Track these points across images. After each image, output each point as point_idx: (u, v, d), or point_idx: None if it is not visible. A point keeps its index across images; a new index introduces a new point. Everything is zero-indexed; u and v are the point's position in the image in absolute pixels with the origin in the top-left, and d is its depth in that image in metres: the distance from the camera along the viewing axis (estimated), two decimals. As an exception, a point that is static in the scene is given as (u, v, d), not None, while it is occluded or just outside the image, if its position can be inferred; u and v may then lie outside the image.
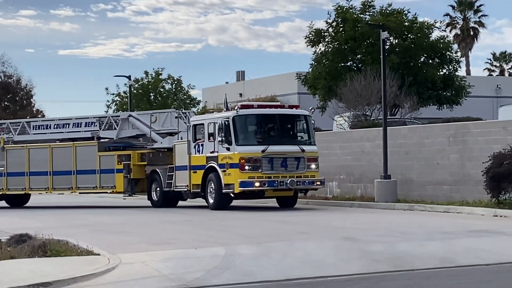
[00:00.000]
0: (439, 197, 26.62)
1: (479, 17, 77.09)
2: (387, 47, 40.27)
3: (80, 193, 33.92)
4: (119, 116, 32.88)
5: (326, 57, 45.41)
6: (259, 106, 28.21)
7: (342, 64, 45.15)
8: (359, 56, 44.99)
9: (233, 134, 26.38)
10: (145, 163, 30.56)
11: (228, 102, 28.37)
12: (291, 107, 29.09)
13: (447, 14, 76.31)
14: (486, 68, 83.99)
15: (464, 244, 15.74)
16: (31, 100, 68.24)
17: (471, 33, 76.60)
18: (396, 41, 44.91)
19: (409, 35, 45.44)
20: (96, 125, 32.67)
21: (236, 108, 26.84)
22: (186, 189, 28.43)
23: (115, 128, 32.30)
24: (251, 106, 27.83)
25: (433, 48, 45.44)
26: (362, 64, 43.89)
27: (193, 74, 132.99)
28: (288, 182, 26.22)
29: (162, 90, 64.04)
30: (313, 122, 28.00)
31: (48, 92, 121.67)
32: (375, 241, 16.33)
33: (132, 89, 58.73)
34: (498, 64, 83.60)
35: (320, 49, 46.03)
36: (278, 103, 31.57)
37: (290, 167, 26.57)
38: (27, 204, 34.86)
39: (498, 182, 23.15)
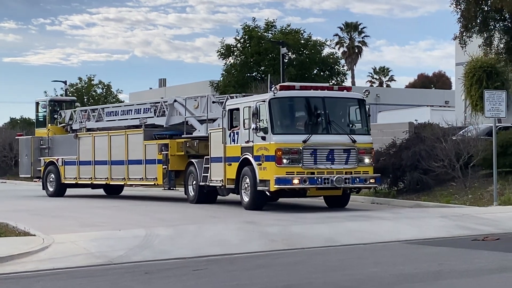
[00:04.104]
0: (327, 187, 26.70)
1: (362, 38, 78.21)
2: (286, 60, 40.66)
3: (130, 184, 27.11)
4: (167, 101, 25.50)
5: (235, 68, 45.53)
6: (302, 88, 20.30)
7: (248, 75, 45.34)
8: (263, 68, 45.25)
9: (269, 121, 19.24)
10: (183, 153, 23.46)
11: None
12: (341, 89, 21.06)
13: (336, 34, 77.20)
14: (368, 80, 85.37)
15: (347, 226, 15.88)
16: (-21, 100, 66.42)
17: (356, 50, 77.64)
18: (294, 56, 45.29)
19: (304, 51, 45.94)
20: (151, 112, 25.89)
21: (273, 89, 19.59)
22: (221, 184, 21.27)
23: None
24: (292, 87, 20.10)
25: (324, 62, 46.05)
26: (265, 75, 44.10)
27: (121, 80, 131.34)
28: (334, 179, 19.01)
29: (94, 93, 63.23)
30: (367, 107, 20.43)
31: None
32: (273, 224, 16.34)
33: (68, 92, 57.94)
34: (377, 77, 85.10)
35: (230, 61, 46.19)
36: (326, 84, 22.56)
37: (338, 161, 19.34)
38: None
39: (375, 175, 23.48)
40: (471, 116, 33.21)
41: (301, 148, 19.02)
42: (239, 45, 45.74)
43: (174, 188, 24.43)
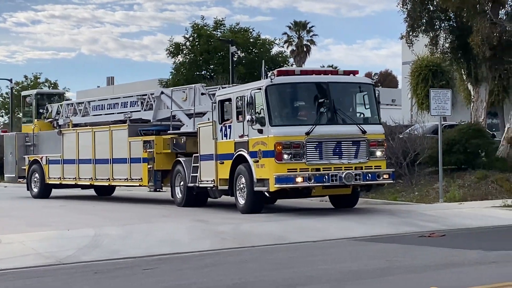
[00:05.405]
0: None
1: (310, 36, 78.65)
2: (235, 59, 40.68)
3: (114, 185, 25.18)
4: (154, 93, 23.35)
5: (184, 67, 45.36)
6: (302, 72, 17.81)
7: (198, 73, 45.19)
8: (212, 66, 45.19)
9: (266, 111, 16.88)
10: (170, 151, 21.53)
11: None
12: (347, 73, 17.98)
13: (285, 33, 77.46)
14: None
15: (297, 224, 15.93)
16: None
17: (304, 49, 78.08)
18: (243, 54, 45.34)
19: (253, 50, 46.02)
20: (138, 105, 23.77)
21: (270, 75, 17.21)
22: (212, 185, 19.04)
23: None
24: (292, 72, 17.72)
25: (274, 61, 46.13)
26: (215, 73, 44.06)
27: (68, 78, 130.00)
28: (343, 175, 16.69)
29: (41, 92, 62.51)
30: (377, 93, 17.96)
31: None
32: (223, 223, 16.36)
33: (14, 91, 57.02)
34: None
35: (178, 60, 45.99)
36: (329, 68, 19.47)
37: (346, 155, 17.01)
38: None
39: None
40: (417, 114, 33.79)
41: (304, 141, 16.69)
42: (188, 43, 45.61)
43: (161, 190, 22.31)
